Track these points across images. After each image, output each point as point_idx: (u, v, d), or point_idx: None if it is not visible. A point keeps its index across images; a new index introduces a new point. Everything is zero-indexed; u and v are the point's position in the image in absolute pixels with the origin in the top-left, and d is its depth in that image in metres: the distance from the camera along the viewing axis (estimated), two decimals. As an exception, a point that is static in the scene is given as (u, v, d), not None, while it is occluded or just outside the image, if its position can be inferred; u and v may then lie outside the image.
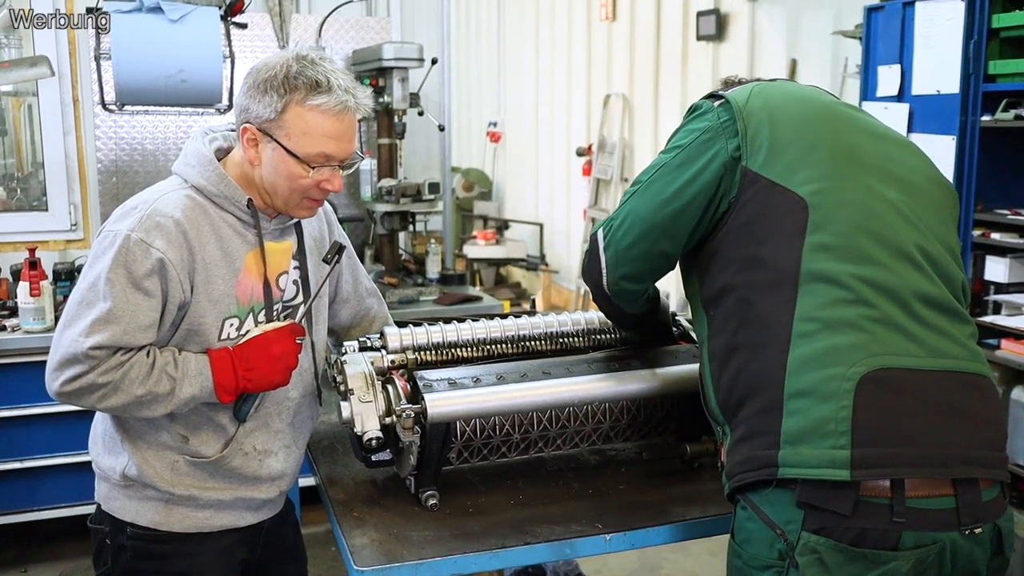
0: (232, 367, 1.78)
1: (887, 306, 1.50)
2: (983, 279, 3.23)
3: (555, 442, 1.93)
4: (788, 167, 1.58)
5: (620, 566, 3.80)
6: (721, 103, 1.67)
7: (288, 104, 1.74)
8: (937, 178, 1.72)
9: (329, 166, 1.79)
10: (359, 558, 1.62)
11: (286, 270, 1.92)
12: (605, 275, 1.73)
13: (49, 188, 4.20)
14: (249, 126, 1.78)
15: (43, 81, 4.01)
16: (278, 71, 1.74)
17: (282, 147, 1.76)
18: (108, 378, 1.71)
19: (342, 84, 1.76)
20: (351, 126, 1.80)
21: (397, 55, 4.25)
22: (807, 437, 1.46)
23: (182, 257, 1.75)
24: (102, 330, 1.70)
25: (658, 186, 1.67)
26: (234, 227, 1.83)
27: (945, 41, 3.25)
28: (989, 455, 1.49)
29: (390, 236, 4.62)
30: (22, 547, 3.83)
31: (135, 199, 1.82)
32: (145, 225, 1.73)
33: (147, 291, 1.72)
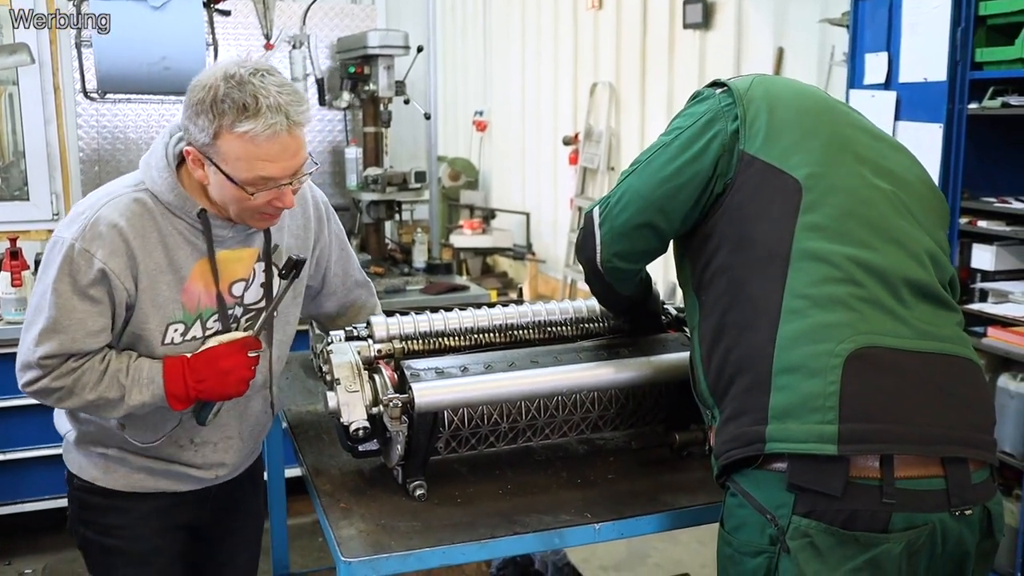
0: (183, 377, 1.81)
1: (876, 287, 1.51)
2: (970, 267, 3.24)
3: (543, 431, 1.92)
4: (784, 151, 1.59)
5: (608, 555, 3.80)
6: (723, 90, 1.69)
7: (219, 130, 1.67)
8: (928, 182, 1.73)
9: (275, 186, 1.74)
10: (346, 549, 1.60)
11: (245, 277, 1.90)
12: (599, 252, 1.73)
13: (30, 177, 4.16)
14: (191, 148, 1.73)
15: (24, 69, 3.97)
16: (206, 94, 1.67)
17: (222, 172, 1.71)
18: (61, 383, 1.77)
19: (273, 103, 1.67)
20: (288, 145, 1.72)
21: (382, 43, 4.22)
22: (795, 412, 1.46)
23: (124, 265, 1.75)
24: (50, 340, 1.75)
25: (657, 165, 1.67)
26: (184, 234, 1.81)
27: (932, 29, 3.24)
28: (978, 436, 1.50)
29: (376, 225, 4.61)
30: (6, 540, 3.79)
31: (87, 200, 1.82)
32: (88, 234, 1.73)
33: (93, 298, 1.75)
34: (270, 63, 1.78)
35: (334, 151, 4.76)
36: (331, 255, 2.12)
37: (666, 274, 3.25)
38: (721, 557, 1.61)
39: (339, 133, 4.75)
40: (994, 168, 3.28)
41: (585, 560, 3.67)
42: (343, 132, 4.74)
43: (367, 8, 4.79)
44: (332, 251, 2.12)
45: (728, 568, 1.58)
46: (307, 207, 2.03)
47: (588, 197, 7.40)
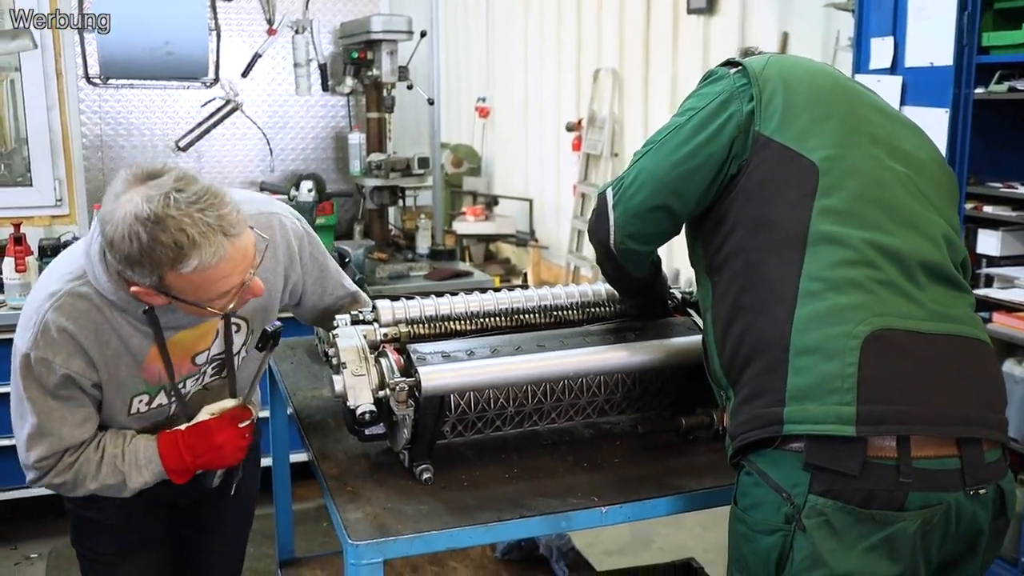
0: (180, 454, 1.84)
1: (891, 270, 1.51)
2: (975, 252, 3.23)
3: (550, 415, 1.92)
4: (800, 133, 1.59)
5: (612, 540, 3.81)
6: (738, 70, 1.67)
7: (162, 276, 1.59)
8: (940, 160, 1.74)
9: (239, 291, 1.69)
10: (353, 532, 1.60)
11: (206, 347, 1.91)
12: (612, 233, 1.72)
13: (33, 163, 4.16)
14: (137, 289, 1.65)
15: (26, 54, 3.96)
16: (131, 246, 1.55)
17: (182, 301, 1.67)
18: (62, 479, 1.82)
19: (203, 229, 1.56)
20: (235, 255, 1.63)
21: (385, 27, 4.21)
22: (813, 393, 1.46)
23: (83, 363, 1.74)
24: (39, 443, 1.78)
25: (671, 146, 1.66)
26: (135, 325, 1.78)
27: (938, 13, 3.23)
28: (992, 416, 1.51)
29: (379, 211, 4.60)
30: (11, 525, 3.81)
31: (33, 300, 1.76)
32: (41, 342, 1.70)
33: (67, 397, 1.76)
34: (169, 165, 1.64)
35: (337, 137, 4.75)
36: (305, 283, 2.06)
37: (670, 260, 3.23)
38: (734, 535, 1.61)
39: (342, 119, 4.74)
40: (1000, 153, 3.27)
41: (589, 545, 3.67)
42: (346, 118, 4.73)
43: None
44: (307, 280, 2.06)
45: (742, 546, 1.58)
46: (276, 250, 1.94)
47: (591, 184, 7.38)
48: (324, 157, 4.77)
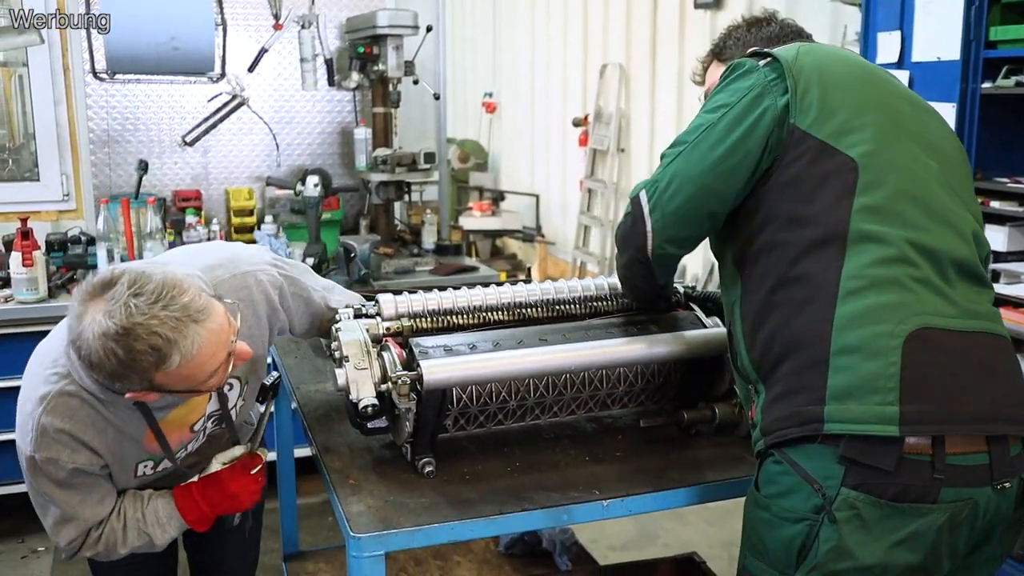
0: (198, 506, 1.92)
1: (927, 268, 1.52)
2: (981, 247, 3.22)
3: (552, 409, 1.92)
4: (838, 128, 1.57)
5: (617, 535, 3.82)
6: (767, 62, 1.65)
7: (151, 379, 1.60)
8: (959, 146, 1.75)
9: (227, 364, 1.70)
10: (355, 525, 1.61)
11: (203, 413, 1.95)
12: (651, 239, 1.68)
13: (41, 158, 4.16)
14: (130, 394, 1.67)
15: (33, 49, 3.97)
16: (111, 362, 1.55)
17: (176, 392, 1.69)
18: (94, 551, 1.90)
19: (173, 324, 1.56)
20: (212, 336, 1.63)
21: (391, 22, 4.20)
22: (855, 393, 1.46)
23: (87, 455, 1.78)
24: (64, 528, 1.86)
25: (706, 146, 1.62)
26: (127, 411, 1.79)
27: (945, 7, 3.21)
28: (1017, 412, 1.52)
29: (385, 206, 4.60)
30: (19, 518, 3.82)
31: (26, 403, 1.78)
32: (42, 445, 1.74)
33: (80, 484, 1.82)
34: (119, 269, 1.62)
35: (343, 131, 4.75)
36: (292, 321, 2.06)
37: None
38: (752, 521, 1.60)
39: (348, 113, 4.74)
40: (1007, 148, 3.26)
41: (593, 540, 3.68)
42: (352, 112, 4.73)
43: (376, -12, 4.76)
44: (292, 319, 2.06)
45: (762, 531, 1.58)
46: (256, 307, 1.94)
47: (598, 179, 7.37)
48: (330, 152, 4.77)
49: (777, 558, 1.54)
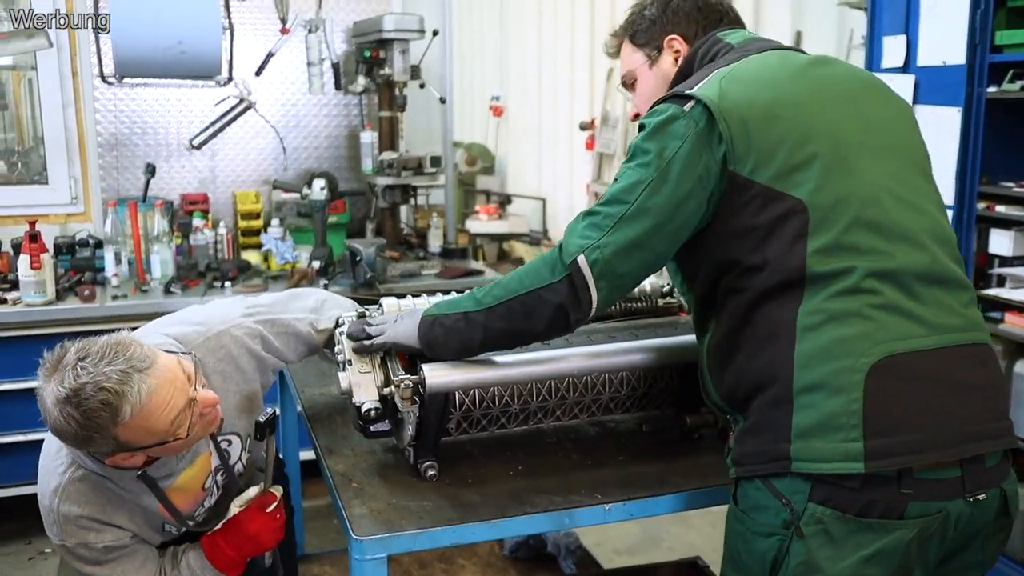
0: (225, 552, 1.97)
1: (889, 291, 1.49)
2: (987, 252, 3.21)
3: (554, 413, 1.93)
4: (781, 168, 1.51)
5: (621, 539, 3.81)
6: (692, 105, 1.55)
7: (115, 436, 1.66)
8: (910, 121, 1.70)
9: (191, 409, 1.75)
10: (358, 527, 1.62)
11: (208, 470, 1.99)
12: (595, 306, 1.59)
13: (49, 162, 4.19)
14: (111, 459, 1.75)
15: (42, 54, 3.99)
16: (71, 426, 1.62)
17: (147, 449, 1.74)
18: None
19: (118, 377, 1.63)
20: (164, 383, 1.69)
21: (397, 26, 4.22)
22: (819, 431, 1.45)
23: (115, 533, 1.89)
24: None
25: (651, 209, 1.54)
26: (136, 486, 1.87)
27: (951, 11, 3.21)
28: (995, 426, 1.50)
29: (391, 210, 4.61)
30: (26, 519, 3.83)
31: (45, 494, 1.87)
32: (68, 533, 1.85)
33: (116, 557, 1.91)
34: (68, 344, 1.70)
35: (350, 135, 4.77)
36: (283, 355, 2.10)
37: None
38: (731, 533, 1.61)
39: (354, 117, 4.76)
40: (1013, 152, 3.25)
41: (598, 544, 3.68)
42: (358, 116, 4.75)
43: (383, -8, 4.78)
44: (283, 353, 2.10)
45: (738, 545, 1.59)
46: (239, 362, 2.01)
47: (604, 183, 7.37)
48: (337, 155, 4.78)
49: (752, 571, 1.55)
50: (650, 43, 1.86)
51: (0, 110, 4.33)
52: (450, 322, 1.70)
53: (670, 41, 1.82)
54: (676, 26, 1.82)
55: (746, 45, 1.72)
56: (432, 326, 1.72)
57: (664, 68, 1.84)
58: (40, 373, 1.68)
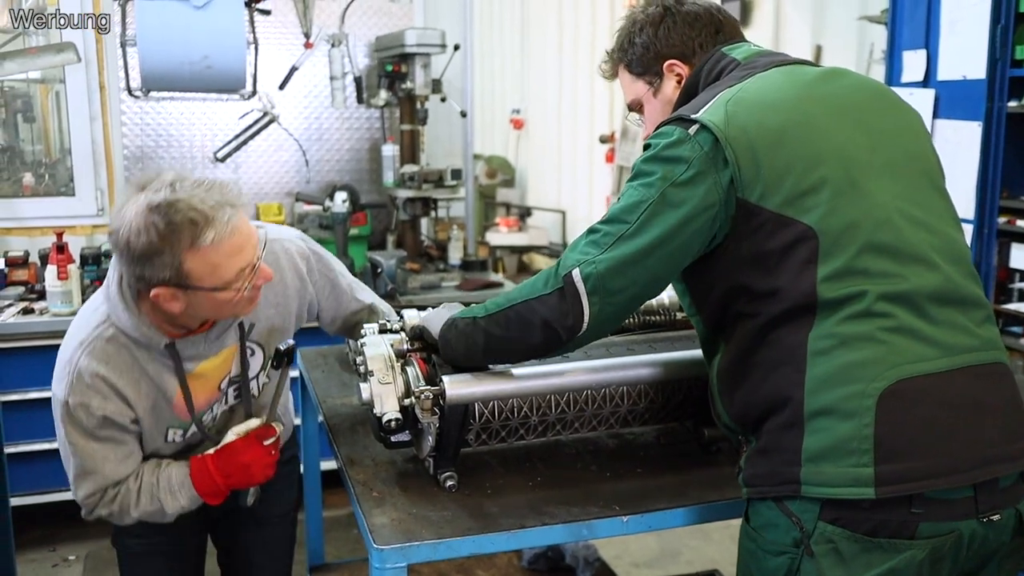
0: (211, 477, 1.92)
1: (902, 314, 1.47)
2: (1008, 267, 3.21)
3: (573, 425, 1.94)
4: (790, 194, 1.49)
5: (640, 552, 3.81)
6: (698, 130, 1.52)
7: (182, 259, 1.67)
8: (913, 126, 1.67)
9: (252, 272, 1.78)
10: (379, 537, 1.64)
11: (230, 370, 1.99)
12: (586, 321, 1.56)
13: (76, 174, 4.26)
14: (157, 290, 1.72)
15: (70, 68, 4.06)
16: (149, 234, 1.65)
17: (202, 290, 1.73)
18: (108, 510, 1.93)
19: (212, 204, 1.68)
20: (244, 229, 1.75)
21: (419, 41, 4.26)
22: (829, 455, 1.45)
23: (119, 405, 1.84)
24: (83, 482, 1.89)
25: (650, 230, 1.52)
26: (161, 361, 1.88)
27: (971, 26, 3.21)
28: (1010, 449, 1.48)
29: (412, 222, 4.64)
30: (51, 527, 3.89)
31: (66, 348, 1.87)
32: (76, 389, 1.81)
33: (106, 438, 1.86)
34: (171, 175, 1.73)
35: (371, 148, 4.81)
36: (319, 300, 2.15)
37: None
38: (743, 551, 1.62)
39: (376, 131, 4.80)
40: (1034, 167, 3.25)
41: (617, 557, 3.68)
42: (380, 130, 4.79)
43: (405, 7, 4.83)
44: (320, 297, 2.15)
45: (749, 562, 1.59)
46: (283, 274, 2.03)
47: (624, 195, 7.37)
48: (358, 168, 4.83)
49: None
50: (648, 71, 1.80)
51: (28, 123, 4.41)
52: (462, 325, 1.73)
53: (669, 67, 1.77)
54: (672, 49, 1.77)
55: (752, 61, 1.69)
56: (450, 327, 1.75)
57: (667, 93, 1.79)
58: (126, 190, 1.72)
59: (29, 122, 4.40)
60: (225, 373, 1.98)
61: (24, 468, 3.56)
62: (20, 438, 3.56)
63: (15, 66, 3.78)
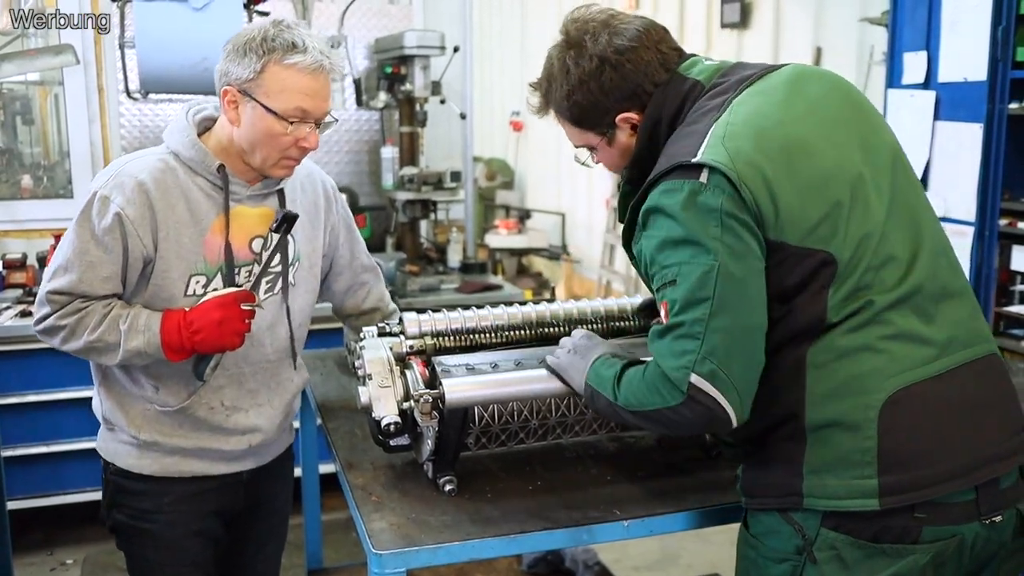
0: (178, 327, 1.87)
1: (899, 319, 1.47)
2: (1010, 269, 3.20)
3: (573, 428, 1.93)
4: (809, 226, 1.46)
5: (640, 556, 3.80)
6: (709, 174, 1.44)
7: (266, 64, 1.81)
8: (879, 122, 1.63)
9: (306, 123, 1.86)
10: (377, 542, 1.63)
11: (263, 234, 1.99)
12: (734, 416, 1.44)
13: (74, 176, 4.24)
14: (229, 88, 1.86)
15: (69, 70, 4.05)
16: (256, 34, 1.82)
17: (261, 105, 1.83)
18: (65, 322, 1.87)
19: (316, 47, 1.84)
20: (326, 84, 1.87)
21: (419, 43, 4.26)
22: (832, 467, 1.44)
23: (142, 215, 1.86)
24: (60, 277, 1.87)
25: (732, 292, 1.42)
26: (205, 190, 1.93)
27: (972, 27, 3.21)
28: (1009, 444, 1.49)
29: (411, 224, 4.64)
30: (48, 530, 3.88)
31: (116, 160, 1.96)
32: (110, 184, 1.86)
33: (107, 246, 1.85)
34: None
35: (371, 150, 4.80)
36: (339, 235, 2.23)
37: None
38: (743, 558, 1.61)
39: (375, 133, 4.79)
40: (1035, 169, 3.24)
41: (616, 560, 3.66)
42: (379, 132, 4.78)
43: (404, 8, 4.82)
44: (340, 231, 2.24)
45: (750, 570, 1.58)
46: (316, 187, 2.16)
47: (624, 197, 7.36)
48: (357, 171, 4.82)
49: None
50: (599, 125, 1.68)
51: (27, 125, 4.40)
52: (603, 403, 1.61)
53: (622, 120, 1.65)
54: (620, 102, 1.64)
55: (717, 82, 1.61)
56: (593, 397, 1.65)
57: (622, 141, 1.69)
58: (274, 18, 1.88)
59: (28, 124, 4.38)
60: (258, 233, 1.98)
61: (22, 472, 3.55)
62: (18, 441, 3.56)
63: (14, 68, 3.76)
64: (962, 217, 3.23)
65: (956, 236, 3.25)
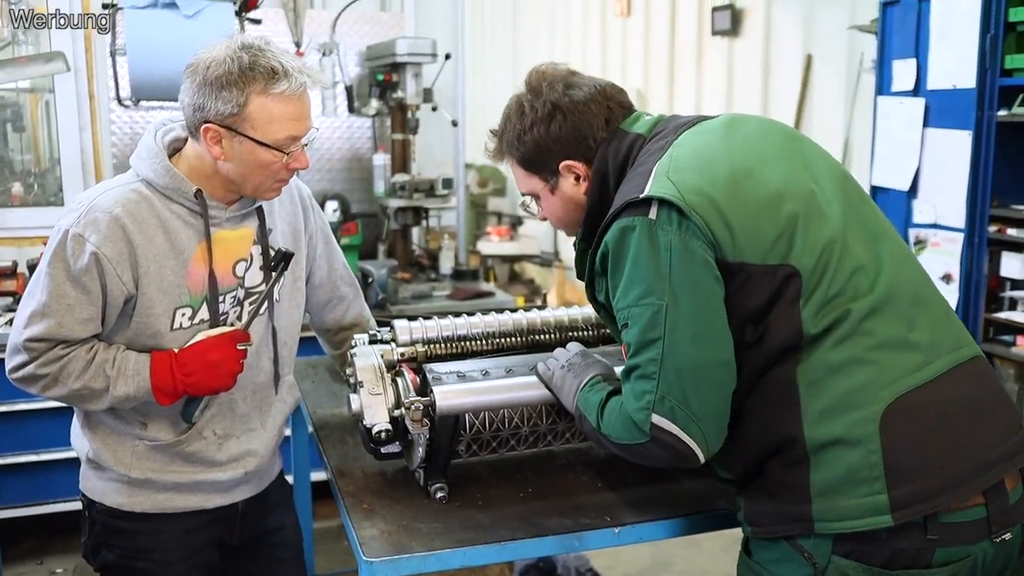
0: (171, 370, 1.81)
1: (881, 328, 1.48)
2: (999, 275, 3.20)
3: (564, 435, 1.93)
4: (768, 242, 1.49)
5: (632, 562, 3.80)
6: (658, 208, 1.49)
7: (249, 96, 1.73)
8: (823, 152, 1.68)
9: (298, 147, 1.82)
10: (368, 549, 1.62)
11: (245, 257, 1.92)
12: (699, 451, 1.47)
13: (65, 183, 4.24)
14: (211, 125, 1.75)
15: (60, 77, 4.05)
16: (230, 65, 1.72)
17: (250, 139, 1.76)
18: (47, 370, 1.78)
19: (294, 66, 1.77)
20: (307, 103, 1.83)
21: (411, 50, 4.26)
22: (840, 488, 1.43)
23: (120, 252, 1.76)
24: (37, 323, 1.77)
25: (682, 330, 1.45)
26: (183, 218, 1.84)
27: (961, 35, 3.22)
28: (1007, 447, 1.48)
29: (403, 231, 4.64)
30: (38, 540, 3.86)
31: (84, 193, 1.85)
32: (83, 221, 1.76)
33: (84, 287, 1.76)
34: None
35: (362, 158, 4.80)
36: (317, 246, 2.16)
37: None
38: None
39: (367, 140, 4.80)
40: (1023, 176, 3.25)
41: (608, 567, 3.66)
42: (371, 139, 4.79)
43: (396, 16, 4.83)
44: (318, 242, 2.16)
45: None
46: (293, 196, 2.08)
47: (615, 204, 7.37)
48: (349, 178, 4.82)
49: None
50: (544, 169, 1.74)
51: (17, 132, 4.39)
52: (589, 428, 1.65)
53: (566, 168, 1.71)
54: (566, 149, 1.70)
55: (656, 131, 1.67)
56: (581, 420, 1.69)
57: (566, 190, 1.74)
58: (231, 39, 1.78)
59: (18, 131, 4.38)
60: (241, 256, 1.91)
61: (12, 480, 3.54)
62: (8, 450, 3.55)
63: (4, 75, 3.75)
64: (952, 224, 3.24)
65: (946, 243, 3.26)
